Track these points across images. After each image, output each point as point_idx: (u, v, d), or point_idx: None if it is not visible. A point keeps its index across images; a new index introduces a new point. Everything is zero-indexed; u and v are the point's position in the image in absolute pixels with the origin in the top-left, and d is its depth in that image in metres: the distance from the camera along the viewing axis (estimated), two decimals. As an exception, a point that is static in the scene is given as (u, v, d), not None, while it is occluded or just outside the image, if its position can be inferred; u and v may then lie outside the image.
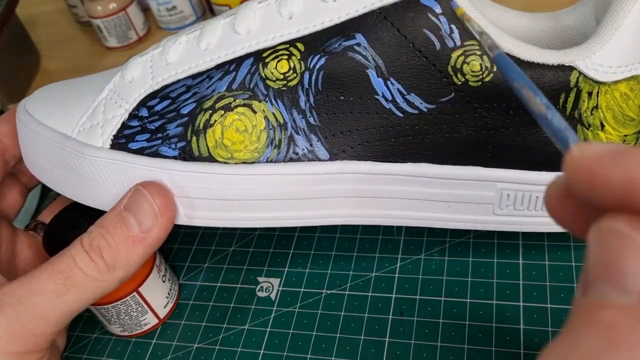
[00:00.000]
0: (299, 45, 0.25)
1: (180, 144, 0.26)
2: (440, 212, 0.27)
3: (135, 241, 0.25)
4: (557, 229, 0.27)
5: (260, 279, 0.32)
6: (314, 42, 0.25)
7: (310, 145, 0.25)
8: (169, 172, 0.26)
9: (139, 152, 0.26)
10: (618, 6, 0.24)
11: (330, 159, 0.26)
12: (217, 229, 0.35)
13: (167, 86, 0.26)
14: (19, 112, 0.29)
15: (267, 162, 0.26)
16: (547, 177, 0.26)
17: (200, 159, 0.26)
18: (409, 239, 0.32)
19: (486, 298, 0.28)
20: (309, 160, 0.26)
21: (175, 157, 0.26)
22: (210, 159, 0.26)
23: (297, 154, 0.26)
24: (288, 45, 0.25)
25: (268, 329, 0.30)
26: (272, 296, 0.31)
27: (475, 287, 0.29)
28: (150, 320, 0.30)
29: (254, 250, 0.33)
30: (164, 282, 0.31)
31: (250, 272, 0.32)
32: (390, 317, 0.29)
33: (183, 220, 0.27)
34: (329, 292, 0.30)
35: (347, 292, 0.30)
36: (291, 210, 0.26)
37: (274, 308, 0.30)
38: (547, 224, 0.27)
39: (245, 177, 0.26)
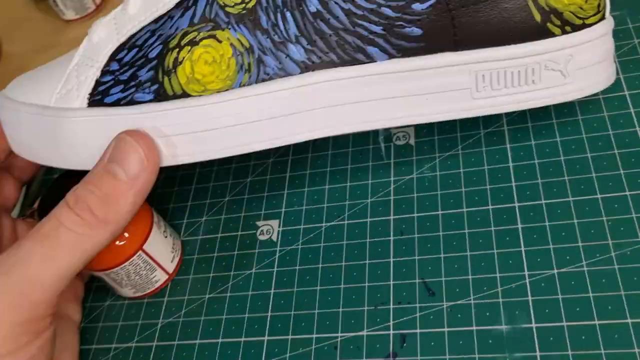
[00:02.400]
0: None
1: (153, 87, 0.26)
2: (419, 107, 0.27)
3: (125, 189, 0.25)
4: (539, 104, 0.27)
5: (260, 223, 0.32)
6: None
7: (280, 63, 0.26)
8: (147, 115, 0.26)
9: (116, 104, 0.26)
10: None
11: (301, 72, 0.26)
12: (208, 180, 0.35)
13: (132, 36, 0.26)
14: (0, 100, 0.29)
15: (240, 87, 0.26)
16: (519, 50, 0.26)
17: (175, 97, 0.26)
18: (398, 161, 0.32)
19: (481, 205, 0.29)
20: (281, 77, 0.26)
21: (150, 101, 0.26)
22: (185, 95, 0.26)
23: (268, 74, 0.26)
24: None
25: (275, 269, 0.30)
26: (274, 237, 0.31)
27: (470, 196, 0.29)
28: (160, 277, 0.31)
29: (248, 197, 0.34)
30: (165, 237, 0.31)
31: (248, 218, 0.33)
32: (392, 238, 0.29)
33: (168, 160, 0.27)
34: (329, 224, 0.31)
35: (346, 222, 0.31)
36: (272, 129, 0.27)
37: (277, 249, 0.31)
38: (528, 100, 0.27)
39: (221, 105, 0.26)
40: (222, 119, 0.26)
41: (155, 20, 0.26)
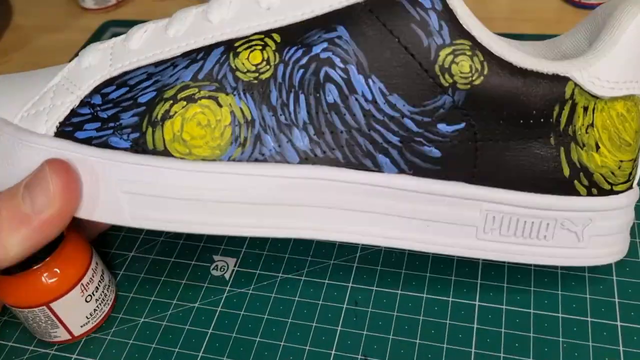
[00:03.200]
0: (275, 36, 0.23)
1: (133, 135, 0.23)
2: (418, 233, 0.25)
3: (22, 221, 0.22)
4: (545, 262, 0.25)
5: (216, 257, 0.31)
6: (291, 34, 0.23)
7: (279, 146, 0.23)
8: (117, 164, 0.23)
9: (87, 141, 0.24)
10: (616, 21, 0.23)
11: (300, 162, 0.23)
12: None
13: (126, 73, 0.24)
14: None
15: (229, 160, 0.24)
16: (538, 200, 0.24)
17: (154, 152, 0.23)
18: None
19: (443, 295, 0.28)
20: (276, 162, 0.23)
21: (125, 149, 0.23)
22: (166, 153, 0.23)
23: (263, 154, 0.23)
24: (263, 36, 0.23)
25: (219, 309, 0.29)
26: (227, 276, 0.30)
27: (433, 283, 0.28)
28: (62, 335, 0.27)
29: (212, 228, 0.33)
30: (87, 302, 0.27)
31: (206, 250, 0.32)
32: (345, 306, 0.28)
33: (127, 220, 0.24)
34: (285, 276, 0.30)
35: (303, 278, 0.30)
36: (252, 216, 0.24)
37: (227, 288, 0.30)
38: (534, 255, 0.25)
39: (203, 175, 0.23)
40: (200, 191, 0.23)
41: (156, 64, 0.24)
